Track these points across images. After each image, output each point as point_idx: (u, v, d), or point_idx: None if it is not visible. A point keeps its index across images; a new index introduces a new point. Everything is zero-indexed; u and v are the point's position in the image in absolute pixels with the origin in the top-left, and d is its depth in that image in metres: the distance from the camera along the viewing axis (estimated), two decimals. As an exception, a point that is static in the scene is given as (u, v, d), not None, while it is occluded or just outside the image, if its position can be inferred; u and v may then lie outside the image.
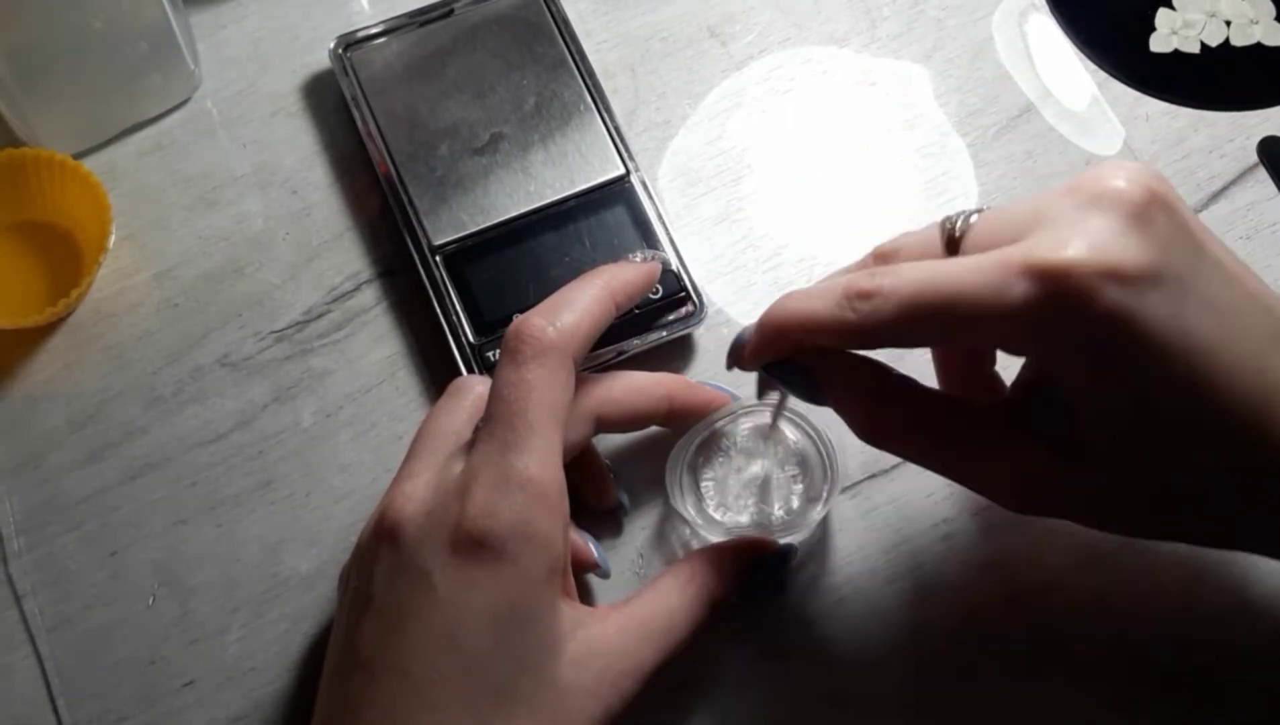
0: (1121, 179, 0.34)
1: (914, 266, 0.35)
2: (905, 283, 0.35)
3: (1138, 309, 0.32)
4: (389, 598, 0.36)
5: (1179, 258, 0.34)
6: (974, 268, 0.34)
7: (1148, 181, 0.34)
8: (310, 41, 0.53)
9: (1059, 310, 0.32)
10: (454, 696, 0.35)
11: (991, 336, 0.36)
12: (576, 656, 0.37)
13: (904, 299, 0.34)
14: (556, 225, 0.48)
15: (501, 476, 0.36)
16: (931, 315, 0.34)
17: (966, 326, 0.35)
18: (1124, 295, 0.32)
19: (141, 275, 0.49)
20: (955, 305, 0.34)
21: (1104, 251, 0.33)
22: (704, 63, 0.54)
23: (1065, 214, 0.34)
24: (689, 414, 0.44)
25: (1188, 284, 0.33)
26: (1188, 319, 0.33)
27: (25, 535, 0.45)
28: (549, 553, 0.36)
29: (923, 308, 0.34)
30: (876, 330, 0.35)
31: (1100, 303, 0.32)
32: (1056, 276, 0.32)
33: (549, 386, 0.38)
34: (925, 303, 0.34)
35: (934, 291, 0.34)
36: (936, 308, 0.34)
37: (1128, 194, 0.34)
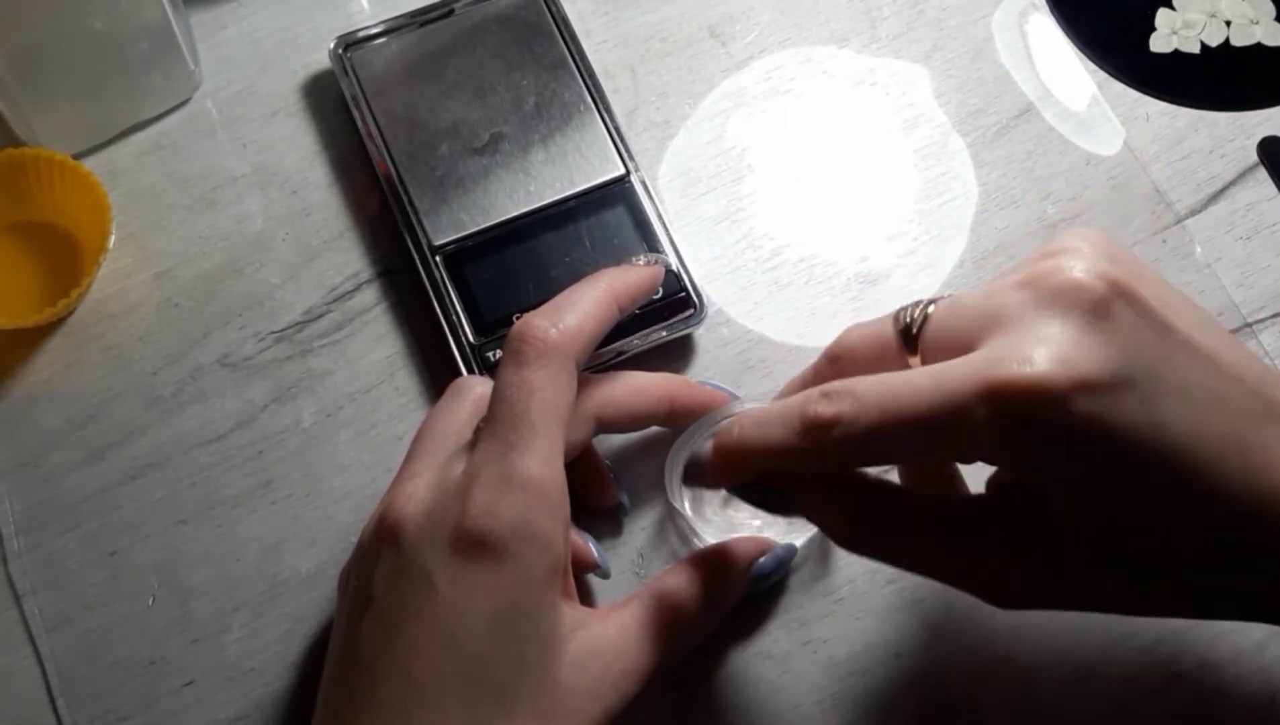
0: (1079, 269, 0.33)
1: (872, 388, 0.34)
2: (866, 409, 0.34)
3: (1110, 416, 0.32)
4: (390, 598, 0.36)
5: (1146, 351, 0.33)
6: (936, 390, 0.33)
7: (1105, 270, 0.33)
8: (310, 41, 0.53)
9: (1028, 429, 0.32)
10: (454, 697, 0.35)
11: (959, 455, 0.35)
12: (577, 657, 0.37)
13: (867, 427, 0.33)
14: (556, 225, 0.48)
15: (503, 477, 0.36)
16: (895, 441, 0.34)
17: (932, 449, 0.34)
18: (1095, 404, 0.31)
19: (141, 275, 0.49)
20: (918, 430, 0.33)
21: (1070, 363, 0.32)
22: (704, 63, 0.54)
23: (1023, 315, 0.33)
24: (689, 414, 0.44)
25: (1158, 376, 0.32)
26: (1162, 415, 0.32)
27: (25, 535, 0.45)
28: (550, 553, 0.36)
29: (885, 435, 0.33)
30: (839, 460, 0.35)
31: (1071, 417, 0.31)
32: (1022, 396, 0.31)
33: (551, 388, 0.38)
34: (888, 430, 0.33)
35: (897, 417, 0.33)
36: (900, 434, 0.33)
37: (1087, 289, 0.33)
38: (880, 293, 0.50)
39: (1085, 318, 0.32)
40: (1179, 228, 0.51)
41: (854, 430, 0.34)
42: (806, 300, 0.50)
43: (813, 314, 0.50)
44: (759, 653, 0.44)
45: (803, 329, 0.49)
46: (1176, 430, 0.32)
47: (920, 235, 0.51)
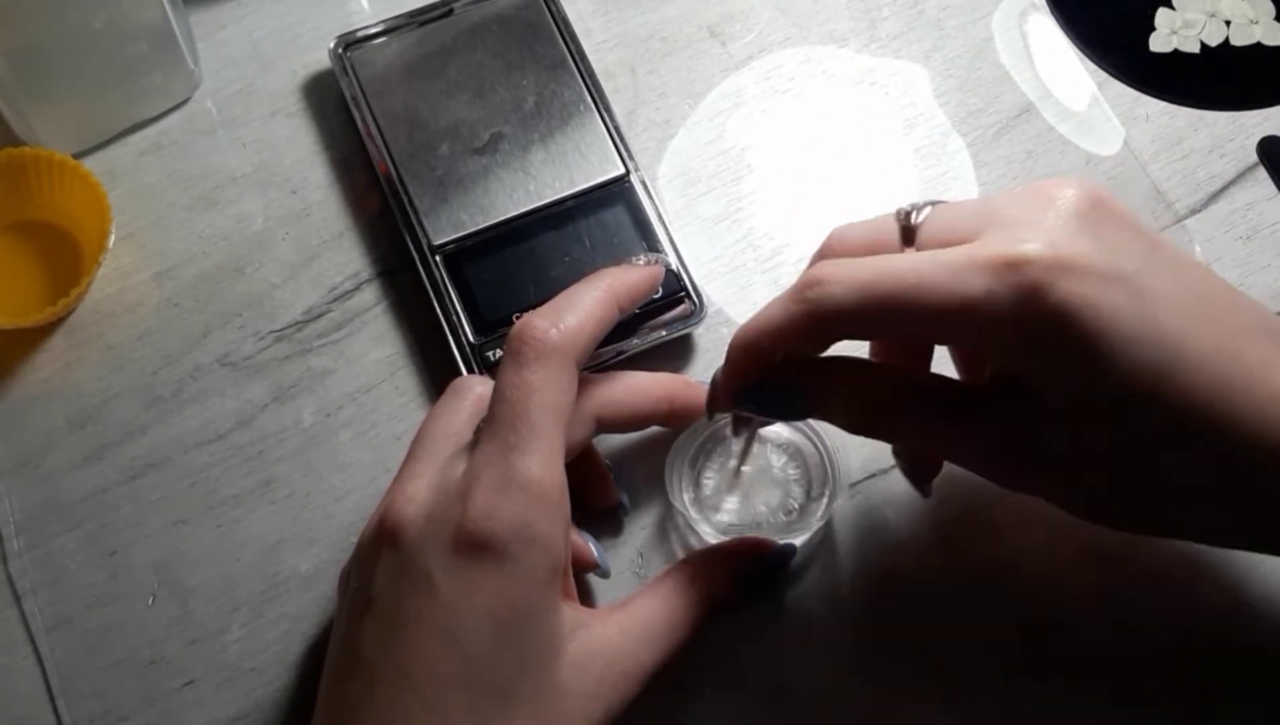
0: (1071, 187, 0.35)
1: (869, 260, 0.36)
2: (858, 271, 0.35)
3: (1098, 300, 0.33)
4: (390, 599, 0.36)
5: (1135, 256, 0.34)
6: (930, 260, 0.34)
7: (1095, 190, 0.35)
8: (310, 41, 0.53)
9: (1018, 301, 0.33)
10: (455, 698, 0.35)
11: (948, 330, 0.36)
12: (577, 658, 0.37)
13: (855, 286, 0.35)
14: (556, 225, 0.48)
15: (503, 478, 0.36)
16: (885, 306, 0.34)
17: (922, 319, 0.35)
18: (1082, 286, 0.33)
19: (141, 275, 0.49)
20: (910, 297, 0.34)
21: (1060, 247, 0.33)
22: (704, 63, 0.54)
23: (1020, 213, 0.35)
24: (689, 414, 0.44)
25: (1148, 280, 0.34)
26: (1152, 309, 0.33)
27: (25, 535, 0.45)
28: (550, 554, 0.36)
29: (875, 297, 0.34)
30: (828, 318, 0.35)
31: (1057, 291, 0.33)
32: (1015, 268, 0.33)
33: (551, 388, 0.38)
34: (878, 292, 0.34)
35: (889, 278, 0.34)
36: (891, 299, 0.34)
37: (1078, 198, 0.35)
38: (880, 292, 0.50)
39: (1078, 218, 0.34)
40: (1179, 227, 0.51)
41: (842, 287, 0.35)
42: (806, 300, 0.50)
43: (813, 314, 0.49)
44: (759, 652, 0.44)
45: (803, 329, 0.49)
46: (1166, 323, 0.33)
47: (920, 235, 0.51)
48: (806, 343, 0.37)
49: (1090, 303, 0.33)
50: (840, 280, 0.35)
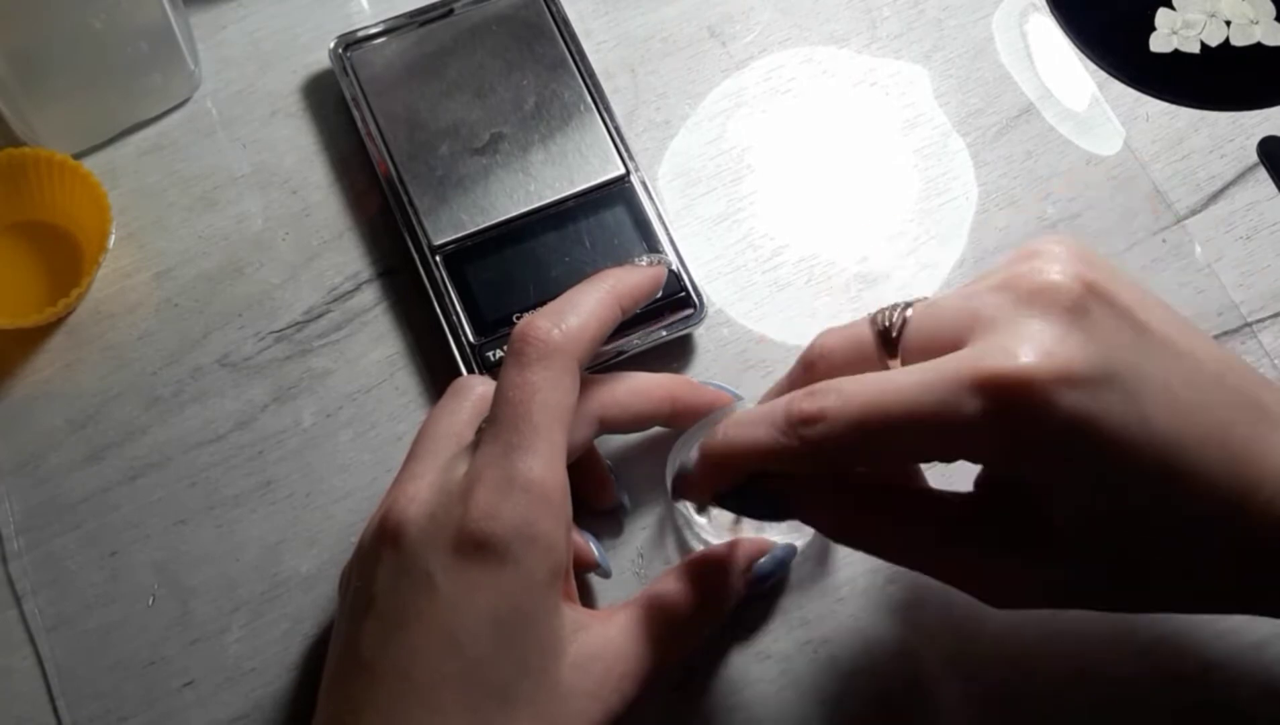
0: (1055, 272, 0.34)
1: (858, 385, 0.34)
2: (851, 405, 0.34)
3: (1095, 409, 0.32)
4: (391, 599, 0.36)
5: (1126, 349, 0.33)
6: (921, 384, 0.33)
7: (1080, 271, 0.34)
8: (310, 41, 0.53)
9: (1016, 421, 0.32)
10: (455, 698, 0.35)
11: (946, 452, 0.34)
12: (577, 659, 0.37)
13: (852, 422, 0.34)
14: (556, 225, 0.48)
15: (505, 479, 0.36)
16: (881, 437, 0.34)
17: (919, 445, 0.34)
18: (1081, 398, 0.32)
19: (141, 275, 0.49)
20: (906, 426, 0.33)
21: (1054, 357, 0.32)
22: (704, 63, 0.54)
23: (1003, 315, 0.33)
24: (691, 414, 0.44)
25: (1139, 374, 0.33)
26: (1146, 410, 0.32)
27: (25, 535, 0.45)
28: (551, 555, 0.36)
29: (872, 430, 0.33)
30: (824, 456, 0.35)
31: (1059, 410, 0.32)
32: (1011, 388, 0.32)
33: (553, 389, 0.37)
34: (874, 424, 0.33)
35: (883, 412, 0.33)
36: (886, 429, 0.33)
37: (1064, 290, 0.33)
38: (880, 293, 0.50)
39: (1064, 317, 0.33)
40: (1179, 227, 0.51)
41: (839, 425, 0.34)
42: (806, 300, 0.50)
43: (813, 314, 0.50)
44: (759, 653, 0.44)
45: (803, 329, 0.49)
46: (1161, 424, 0.33)
47: (920, 235, 0.51)
48: (792, 470, 0.37)
49: (1091, 416, 0.32)
50: (834, 418, 0.34)
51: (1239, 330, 0.50)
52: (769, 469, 0.36)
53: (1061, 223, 0.51)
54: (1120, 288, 0.34)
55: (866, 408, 0.34)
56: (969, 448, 0.34)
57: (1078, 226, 0.51)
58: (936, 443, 0.34)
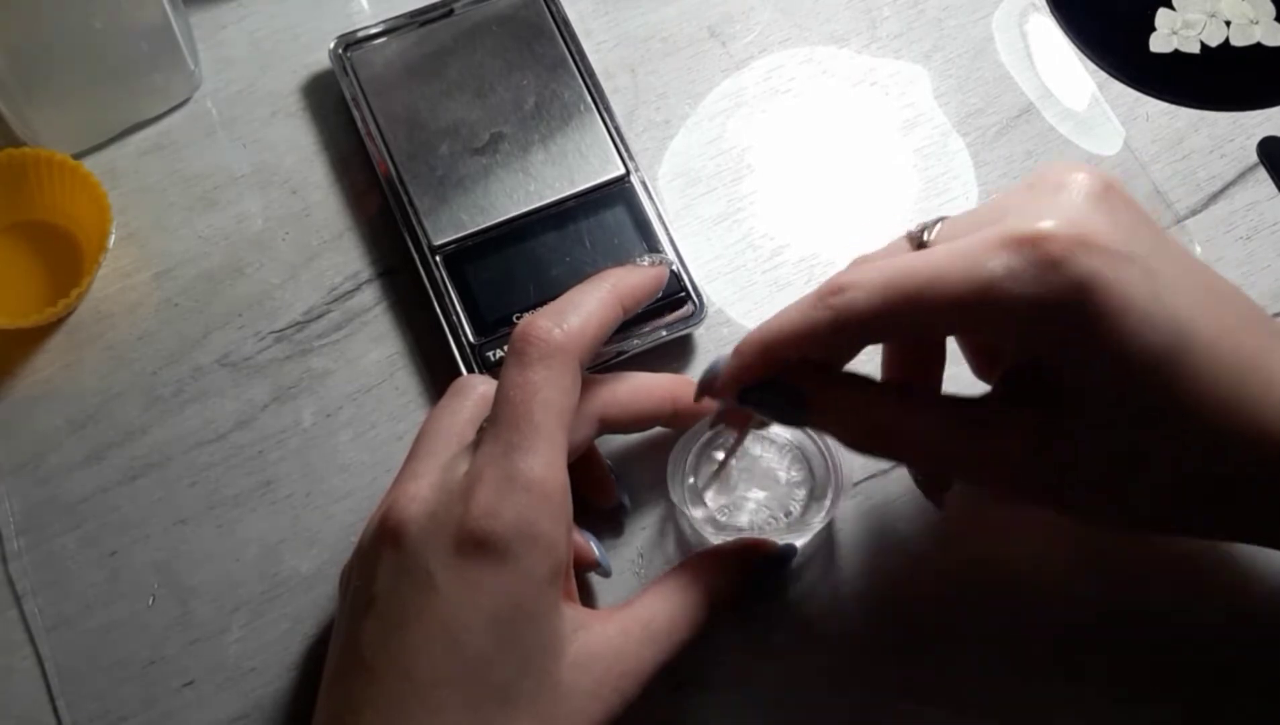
0: (1081, 171, 0.35)
1: (886, 257, 0.36)
2: (879, 272, 0.35)
3: (1115, 278, 0.33)
4: (391, 598, 0.36)
5: (1145, 241, 0.34)
6: (948, 251, 0.34)
7: (1104, 175, 0.35)
8: (310, 41, 0.53)
9: (1038, 275, 0.33)
10: (455, 697, 0.35)
11: (969, 317, 0.35)
12: (577, 658, 0.37)
13: (878, 287, 0.35)
14: (556, 225, 0.48)
15: (506, 478, 0.36)
16: (908, 301, 0.34)
17: (945, 310, 0.34)
18: (1100, 263, 0.33)
19: (141, 275, 0.49)
20: (932, 289, 0.34)
21: (1077, 223, 0.33)
22: (704, 63, 0.54)
23: (1032, 199, 0.35)
24: (693, 415, 0.44)
25: (1158, 260, 0.34)
26: (1161, 291, 0.33)
27: (25, 535, 0.45)
28: (552, 554, 0.36)
29: (898, 294, 0.34)
30: (852, 323, 0.35)
31: (1077, 266, 0.33)
32: (1033, 242, 0.33)
33: (554, 388, 0.38)
34: (900, 288, 0.34)
35: (910, 274, 0.34)
36: (913, 292, 0.34)
37: (1089, 181, 0.35)
38: (880, 293, 0.50)
39: (1089, 199, 0.34)
40: (1179, 228, 0.51)
41: (866, 290, 0.35)
42: (806, 300, 0.50)
43: (813, 314, 0.49)
44: (759, 653, 0.44)
45: (803, 329, 0.49)
46: (1174, 306, 0.33)
47: (920, 235, 0.51)
48: (826, 349, 0.37)
49: (1108, 278, 0.33)
50: (862, 284, 0.35)
51: (1239, 330, 0.50)
52: (799, 352, 0.37)
53: (1061, 223, 0.51)
54: (1138, 204, 0.36)
55: (894, 272, 0.35)
56: (991, 309, 0.34)
57: (1078, 226, 0.51)
58: (959, 305, 0.34)
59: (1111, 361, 0.34)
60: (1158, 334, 0.33)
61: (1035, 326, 0.34)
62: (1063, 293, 0.33)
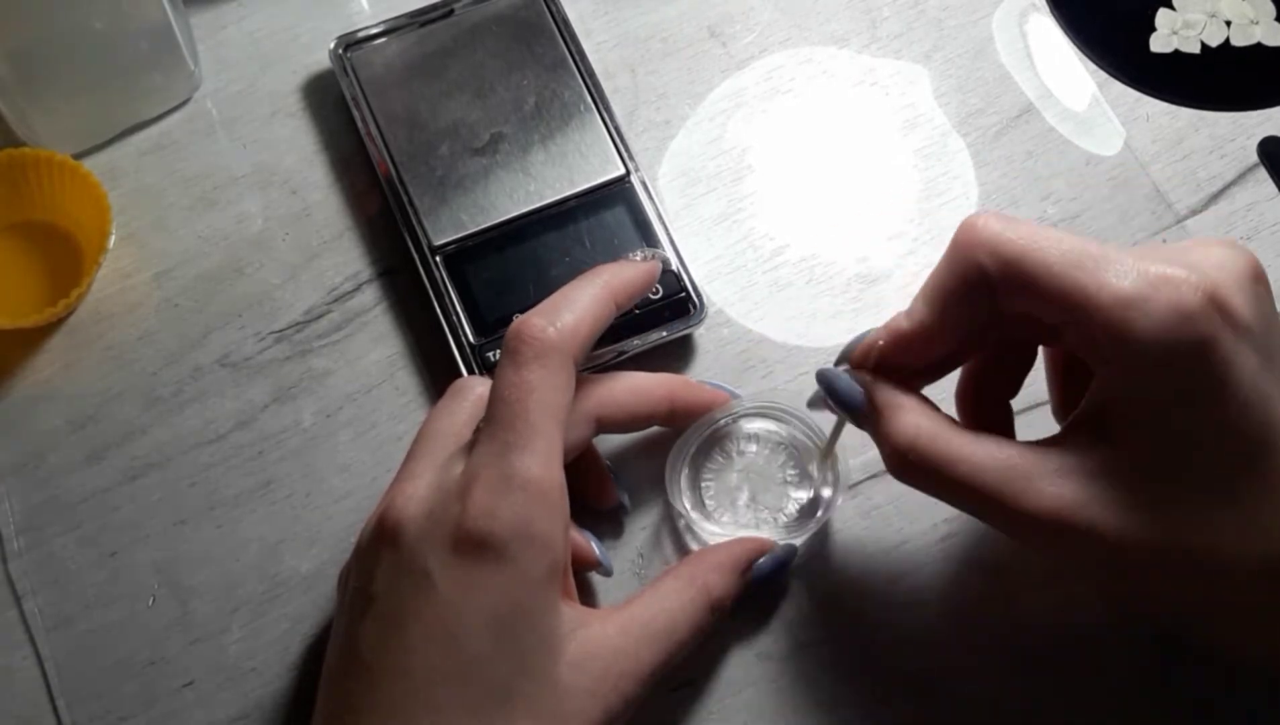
0: (1242, 250, 0.36)
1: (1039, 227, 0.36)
2: (1027, 226, 0.36)
3: (1235, 352, 0.33)
4: (390, 598, 0.36)
5: (1273, 331, 0.35)
6: (1101, 250, 0.35)
7: (1257, 261, 0.36)
8: (310, 41, 0.53)
9: (1169, 317, 0.33)
10: (454, 696, 0.35)
11: (1094, 319, 0.34)
12: (576, 657, 0.37)
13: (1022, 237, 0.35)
14: (557, 225, 0.48)
15: (502, 477, 0.36)
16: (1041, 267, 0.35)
17: (1076, 299, 0.34)
18: (1229, 334, 0.33)
19: (141, 275, 0.49)
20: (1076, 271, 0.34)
21: (1222, 288, 0.33)
22: (704, 63, 0.54)
23: (1192, 250, 0.35)
24: (690, 414, 0.44)
25: (1272, 357, 0.34)
26: (1270, 385, 0.34)
27: (25, 535, 0.45)
28: (549, 553, 0.36)
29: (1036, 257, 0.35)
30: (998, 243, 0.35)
31: (1208, 325, 0.33)
32: (1178, 283, 0.33)
33: (550, 387, 0.38)
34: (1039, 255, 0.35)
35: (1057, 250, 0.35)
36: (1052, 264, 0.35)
37: (1250, 261, 0.35)
38: (880, 293, 0.50)
39: (1246, 276, 0.35)
40: (1179, 228, 0.51)
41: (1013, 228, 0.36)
42: (806, 300, 0.50)
43: (813, 314, 0.50)
44: (759, 653, 0.44)
45: (803, 329, 0.49)
46: (1267, 400, 0.34)
47: (920, 235, 0.51)
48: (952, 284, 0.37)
49: (1230, 350, 0.33)
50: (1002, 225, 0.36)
51: (1239, 330, 0.50)
52: None
53: (1062, 223, 0.51)
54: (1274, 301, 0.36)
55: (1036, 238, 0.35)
56: (1114, 325, 0.34)
57: (1078, 226, 0.51)
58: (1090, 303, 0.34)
59: (1201, 430, 0.34)
60: (1252, 421, 0.34)
61: (1141, 359, 0.34)
62: (1184, 343, 0.33)
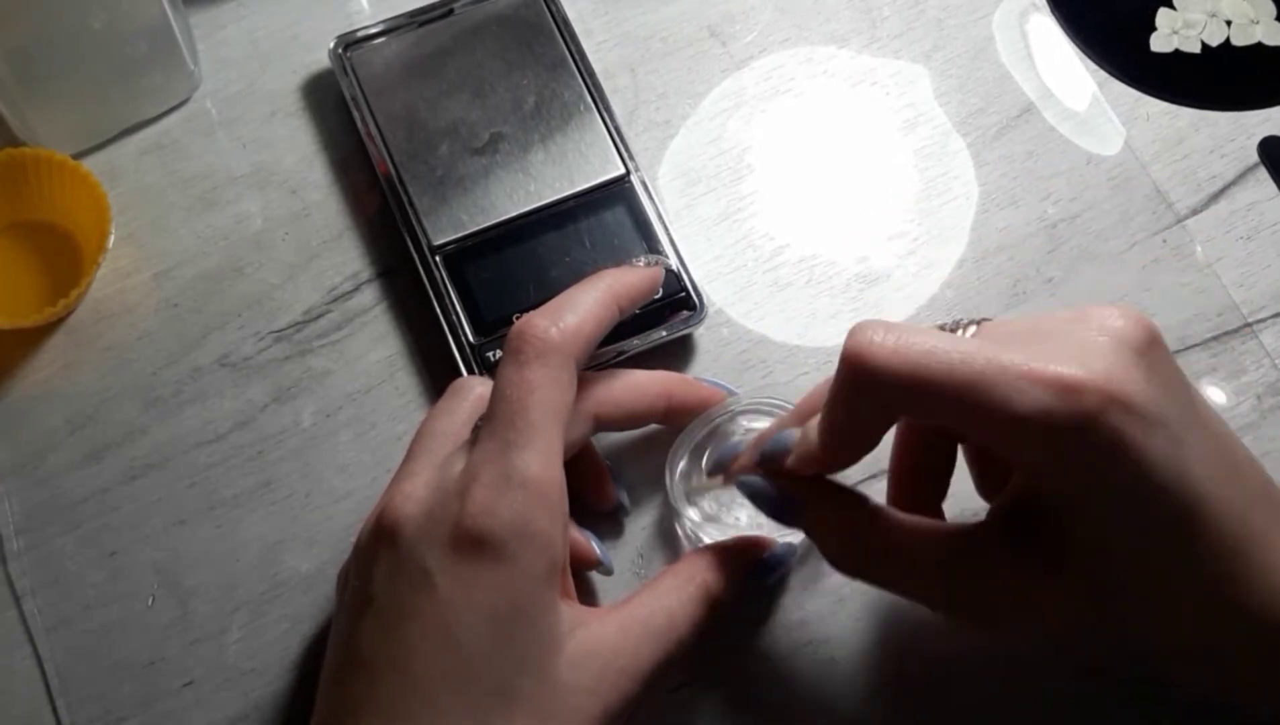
0: (1129, 318, 0.35)
1: (927, 331, 0.35)
2: (916, 337, 0.34)
3: (1141, 441, 0.33)
4: (388, 597, 0.36)
5: (1177, 404, 0.34)
6: (991, 357, 0.33)
7: (1151, 327, 0.35)
8: (310, 41, 0.53)
9: (1072, 426, 0.32)
10: (453, 695, 0.35)
11: (994, 431, 0.34)
12: (575, 656, 0.37)
13: (914, 353, 0.34)
14: (556, 225, 0.48)
15: (502, 476, 0.36)
16: (936, 382, 0.33)
17: (974, 412, 0.34)
18: (1130, 425, 0.33)
19: (141, 275, 0.49)
20: (968, 386, 0.33)
21: (1115, 380, 0.33)
22: (704, 63, 0.54)
23: (1075, 335, 0.34)
24: (688, 411, 0.44)
25: (1186, 428, 0.34)
26: (1184, 463, 0.33)
27: (25, 535, 0.45)
28: (548, 552, 0.36)
29: (927, 371, 0.33)
30: (873, 377, 0.34)
31: (1109, 426, 0.32)
32: (1075, 393, 0.32)
33: (551, 387, 0.38)
34: (933, 369, 0.33)
35: (945, 361, 0.33)
36: (944, 378, 0.33)
37: (1134, 332, 0.34)
38: (880, 293, 0.50)
39: (1135, 354, 0.34)
40: (1179, 227, 0.51)
41: (902, 356, 0.34)
42: (806, 300, 0.50)
43: (813, 314, 0.50)
44: (759, 652, 0.44)
45: (803, 329, 0.49)
46: (1192, 481, 0.33)
47: (920, 235, 0.51)
48: (848, 412, 0.36)
49: (1137, 443, 0.33)
50: (899, 344, 0.34)
51: (1239, 330, 0.50)
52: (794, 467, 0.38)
53: (1062, 223, 0.51)
54: (1175, 362, 0.36)
55: (930, 349, 0.34)
56: (1018, 436, 0.34)
57: (1078, 226, 0.51)
58: (989, 418, 0.33)
59: (1124, 522, 0.34)
60: (1172, 504, 0.33)
61: (1055, 468, 0.34)
62: (1091, 448, 0.33)
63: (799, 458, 0.38)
